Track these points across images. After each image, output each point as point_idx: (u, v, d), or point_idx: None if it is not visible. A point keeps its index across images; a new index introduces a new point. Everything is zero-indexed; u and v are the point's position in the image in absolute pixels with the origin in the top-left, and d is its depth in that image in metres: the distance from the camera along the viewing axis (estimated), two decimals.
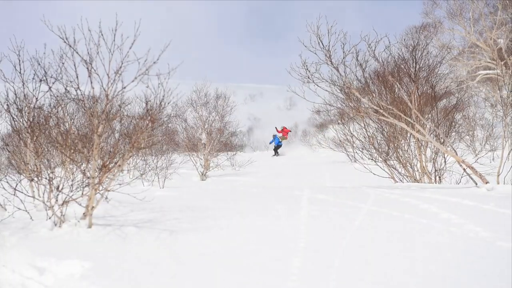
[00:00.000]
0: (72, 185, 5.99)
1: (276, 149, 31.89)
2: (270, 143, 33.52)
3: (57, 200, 5.79)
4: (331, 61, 9.75)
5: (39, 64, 6.35)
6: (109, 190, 5.97)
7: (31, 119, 6.89)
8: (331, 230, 5.51)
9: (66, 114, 7.42)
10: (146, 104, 5.99)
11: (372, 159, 12.75)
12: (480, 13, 29.71)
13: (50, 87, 6.12)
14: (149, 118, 5.97)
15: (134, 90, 5.94)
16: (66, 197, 5.79)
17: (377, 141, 12.72)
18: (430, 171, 11.75)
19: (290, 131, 34.36)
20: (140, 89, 6.39)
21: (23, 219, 5.98)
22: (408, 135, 11.95)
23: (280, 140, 32.07)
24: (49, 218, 5.71)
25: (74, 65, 5.67)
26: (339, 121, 11.99)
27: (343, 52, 9.69)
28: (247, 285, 3.95)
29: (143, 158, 16.24)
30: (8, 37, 6.74)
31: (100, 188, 5.86)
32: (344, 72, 9.79)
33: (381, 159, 12.37)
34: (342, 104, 10.41)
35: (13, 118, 7.15)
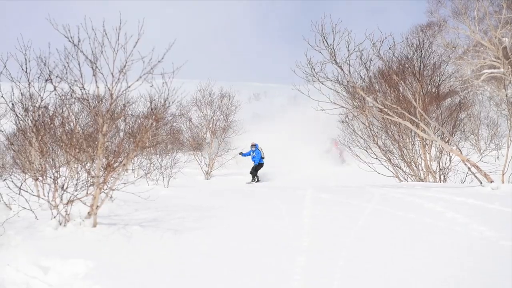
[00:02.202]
0: (76, 184, 5.99)
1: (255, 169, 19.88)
2: (245, 155, 20.86)
3: (61, 199, 5.80)
4: (335, 60, 9.74)
5: (44, 64, 6.36)
6: (113, 189, 5.98)
7: (36, 119, 6.90)
8: (335, 229, 5.50)
9: (71, 113, 7.43)
10: (151, 103, 6.00)
11: (376, 158, 12.75)
12: (485, 12, 29.64)
13: (55, 87, 6.12)
14: (153, 117, 5.98)
15: (139, 89, 5.95)
16: (71, 196, 5.80)
17: (381, 140, 12.71)
18: (434, 170, 11.74)
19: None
20: (144, 88, 6.40)
21: (28, 218, 6.00)
22: (413, 134, 11.94)
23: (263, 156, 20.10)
24: (54, 217, 5.72)
25: (79, 64, 5.67)
26: (343, 120, 11.95)
27: (348, 51, 9.67)
28: (251, 283, 3.95)
29: (147, 157, 16.25)
30: (15, 36, 6.75)
31: (105, 187, 5.87)
32: (349, 71, 9.77)
33: (385, 158, 12.37)
34: (347, 103, 10.39)
35: (18, 117, 7.17)
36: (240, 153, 20.77)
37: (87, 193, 5.94)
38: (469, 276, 3.92)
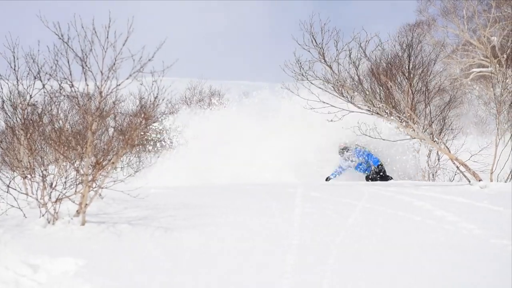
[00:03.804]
0: (65, 182, 5.96)
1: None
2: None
3: (50, 198, 5.77)
4: (324, 59, 9.75)
5: (33, 60, 6.35)
6: (102, 188, 5.96)
7: (25, 116, 6.87)
8: (325, 227, 5.52)
9: (60, 111, 7.40)
10: (140, 101, 5.98)
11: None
12: (473, 11, 29.85)
13: (44, 85, 6.10)
14: (142, 115, 5.96)
15: (129, 87, 5.93)
16: (59, 195, 5.77)
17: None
18: (423, 168, 11.79)
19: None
20: (134, 86, 6.38)
21: (16, 216, 5.96)
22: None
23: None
24: (43, 216, 5.69)
25: (68, 62, 5.65)
26: (332, 119, 11.97)
27: (337, 50, 9.70)
28: (242, 282, 3.95)
29: (137, 155, 16.19)
30: (3, 34, 6.75)
31: (94, 185, 5.85)
32: (338, 70, 9.78)
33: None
34: (336, 102, 10.39)
35: (7, 114, 7.14)
36: (327, 179, 13.27)
37: (75, 191, 5.91)
38: (460, 273, 3.95)
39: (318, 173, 14.54)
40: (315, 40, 9.66)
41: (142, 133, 6.36)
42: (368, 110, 9.71)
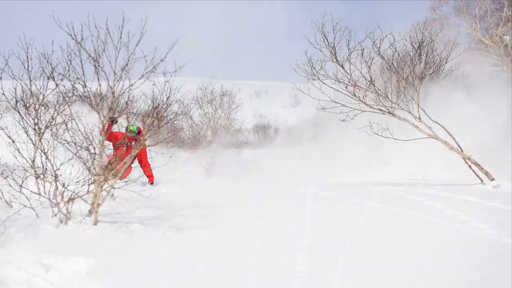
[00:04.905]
0: (77, 182, 5.99)
1: None
2: None
3: (62, 197, 5.80)
4: (336, 59, 9.75)
5: (47, 61, 6.39)
6: (115, 188, 5.98)
7: (38, 116, 6.91)
8: (336, 227, 5.51)
9: (72, 111, 7.43)
10: (153, 102, 5.99)
11: None
12: (486, 10, 29.63)
13: (57, 85, 6.13)
14: (155, 115, 5.97)
15: (141, 87, 5.94)
16: (71, 194, 5.80)
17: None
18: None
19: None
20: (146, 86, 6.40)
21: (29, 216, 5.99)
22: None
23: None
24: (55, 215, 5.72)
25: (81, 62, 5.68)
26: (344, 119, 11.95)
27: (348, 49, 9.69)
28: (253, 281, 3.96)
29: (149, 156, 16.21)
30: (17, 34, 6.80)
31: (106, 185, 5.87)
32: (350, 69, 9.78)
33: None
34: (348, 102, 10.37)
35: (20, 115, 7.18)
36: None
37: (88, 191, 5.94)
38: (471, 273, 3.93)
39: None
40: (326, 39, 9.67)
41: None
42: (380, 110, 9.69)
